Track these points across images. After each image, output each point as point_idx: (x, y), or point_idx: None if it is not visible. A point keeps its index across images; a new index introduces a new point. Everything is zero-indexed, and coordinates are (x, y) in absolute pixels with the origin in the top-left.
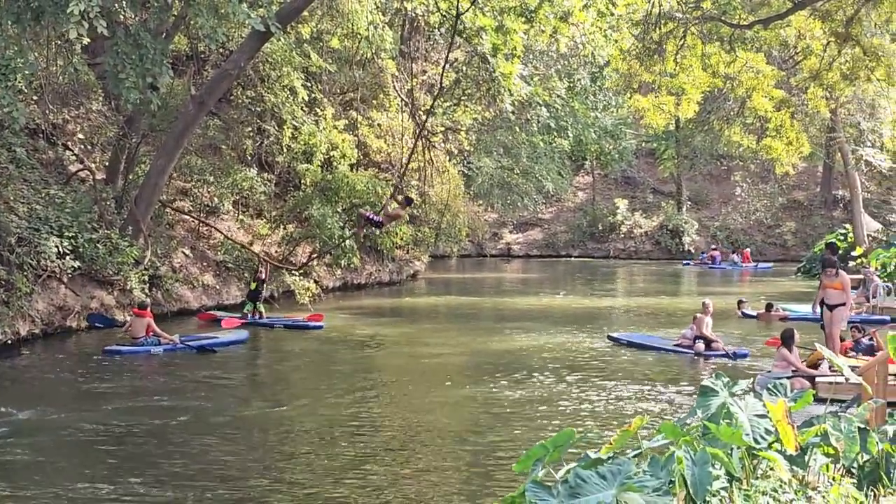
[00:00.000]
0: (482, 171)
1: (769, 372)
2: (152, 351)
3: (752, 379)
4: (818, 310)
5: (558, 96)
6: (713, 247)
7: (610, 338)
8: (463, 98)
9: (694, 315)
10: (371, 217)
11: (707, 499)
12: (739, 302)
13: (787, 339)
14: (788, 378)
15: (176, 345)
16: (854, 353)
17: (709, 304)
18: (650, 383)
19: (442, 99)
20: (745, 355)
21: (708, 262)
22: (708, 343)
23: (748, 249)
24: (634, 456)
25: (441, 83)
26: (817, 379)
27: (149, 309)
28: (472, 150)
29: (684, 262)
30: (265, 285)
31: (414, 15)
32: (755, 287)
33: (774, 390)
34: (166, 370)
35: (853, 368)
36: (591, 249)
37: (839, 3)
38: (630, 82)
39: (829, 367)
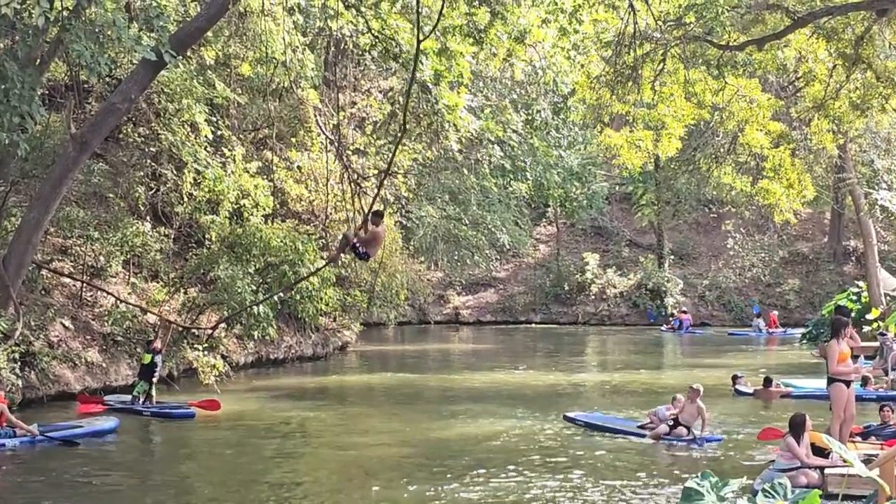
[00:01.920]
0: (424, 221)
1: (773, 463)
2: (6, 444)
3: (743, 478)
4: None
5: (514, 131)
6: (683, 309)
7: (566, 418)
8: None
9: (674, 396)
10: (358, 245)
11: None
12: (734, 377)
13: (796, 427)
14: (795, 470)
15: (34, 436)
16: (871, 439)
17: (699, 389)
18: (614, 476)
19: (375, 136)
20: (717, 440)
21: (672, 327)
22: (674, 426)
23: (775, 312)
24: None
25: (395, 119)
26: (826, 471)
27: (2, 394)
28: (411, 196)
29: (663, 327)
30: (161, 359)
31: (340, 36)
32: (750, 357)
33: (772, 492)
34: (22, 467)
35: (868, 460)
36: (555, 314)
37: (846, 19)
38: (600, 115)
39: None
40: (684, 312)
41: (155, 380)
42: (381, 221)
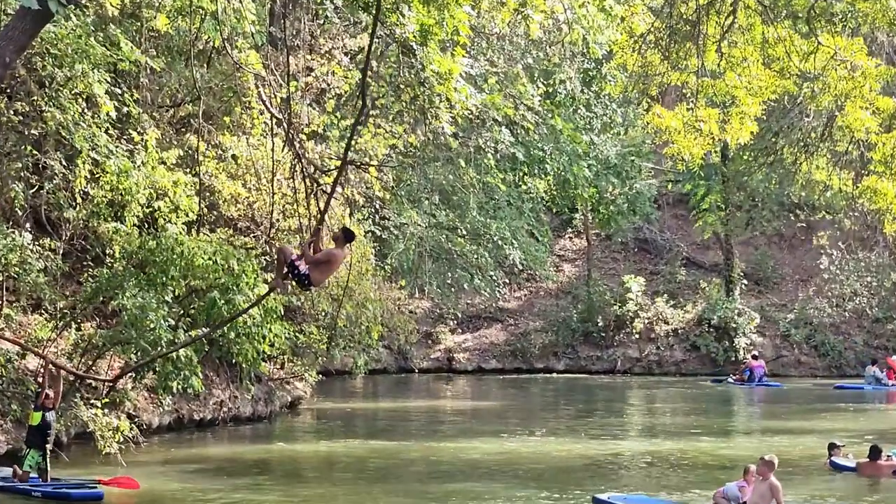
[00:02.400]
0: (405, 231)
1: None
2: None
3: None
4: None
5: (529, 109)
6: (754, 353)
7: (597, 502)
8: (374, 114)
9: (746, 467)
10: (297, 265)
11: None
12: (831, 446)
13: None
14: None
15: None
16: None
17: (772, 462)
18: None
19: (339, 115)
20: None
21: (739, 379)
22: None
23: None
24: None
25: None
26: None
27: None
28: (388, 197)
29: (714, 379)
30: (56, 416)
31: None
32: (855, 419)
33: None
34: None
35: None
36: (585, 360)
37: None
38: (646, 86)
39: None
40: (756, 358)
41: (49, 446)
42: (346, 245)
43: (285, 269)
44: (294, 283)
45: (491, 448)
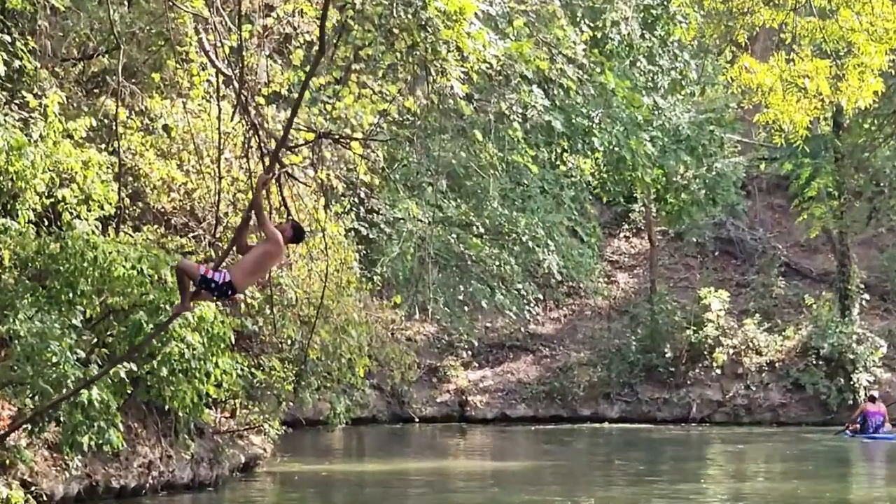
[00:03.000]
0: (400, 229)
1: None
2: None
3: None
4: None
5: (569, 60)
6: (872, 395)
7: None
8: (358, 70)
9: None
10: (210, 277)
11: None
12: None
13: None
14: None
15: None
16: None
17: None
18: None
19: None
20: None
21: (853, 429)
22: None
23: None
24: None
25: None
26: None
27: None
28: (377, 183)
29: (829, 430)
30: None
31: None
32: None
33: None
34: None
35: None
36: (647, 404)
37: None
38: (729, 31)
39: None
40: (873, 400)
41: None
42: (287, 237)
43: (194, 289)
44: (214, 297)
45: None
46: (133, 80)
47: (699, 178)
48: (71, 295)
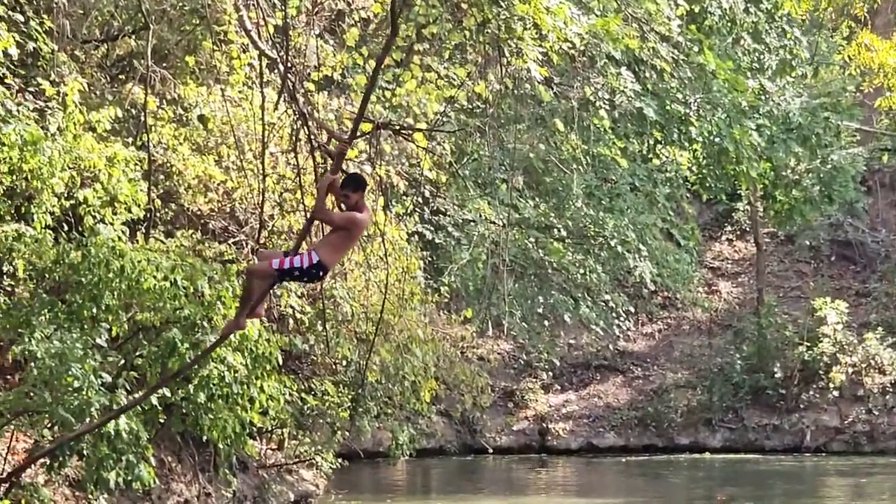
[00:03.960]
0: (471, 233)
1: None
2: None
3: None
4: None
5: (663, 39)
6: None
7: None
8: (422, 51)
9: None
10: (289, 267)
11: None
12: None
13: None
14: None
15: None
16: None
17: None
18: None
19: (367, 48)
20: None
21: None
22: None
23: None
24: None
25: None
26: None
27: None
28: (444, 180)
29: None
30: None
31: None
32: None
33: None
34: None
35: None
36: (755, 431)
37: None
38: (846, 4)
39: None
40: None
41: None
42: (360, 195)
43: (274, 280)
44: (291, 276)
45: None
46: (164, 65)
47: (812, 173)
48: (94, 310)
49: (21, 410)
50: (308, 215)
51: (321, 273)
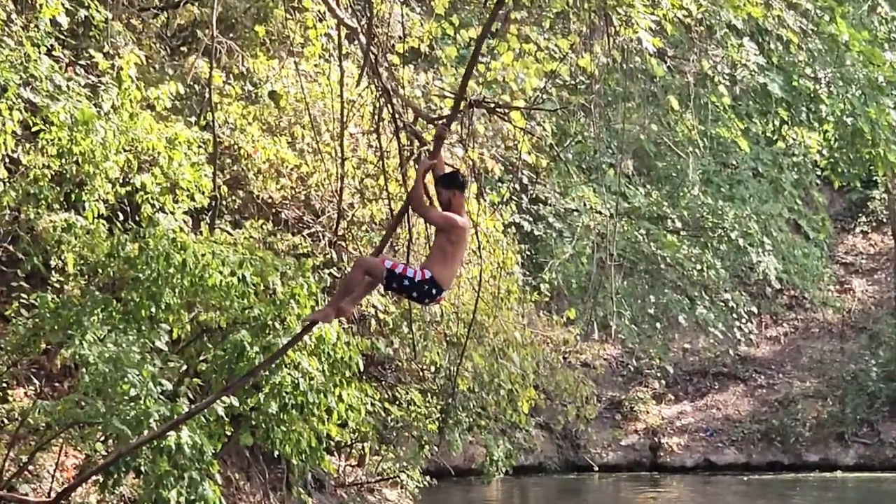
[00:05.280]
0: (574, 224)
1: None
2: None
3: None
4: None
5: (790, 6)
6: None
7: None
8: (519, 20)
9: None
10: (401, 273)
11: None
12: None
13: None
14: None
15: None
16: None
17: None
18: None
19: (457, 19)
20: None
21: None
22: None
23: None
24: None
25: None
26: None
27: None
28: (544, 165)
29: None
30: None
31: None
32: None
33: None
34: None
35: None
36: (891, 448)
37: None
38: None
39: None
40: None
41: None
42: (459, 197)
43: (380, 282)
44: (420, 301)
45: None
46: (231, 35)
47: None
48: (153, 310)
49: (71, 422)
50: (402, 203)
51: (434, 292)
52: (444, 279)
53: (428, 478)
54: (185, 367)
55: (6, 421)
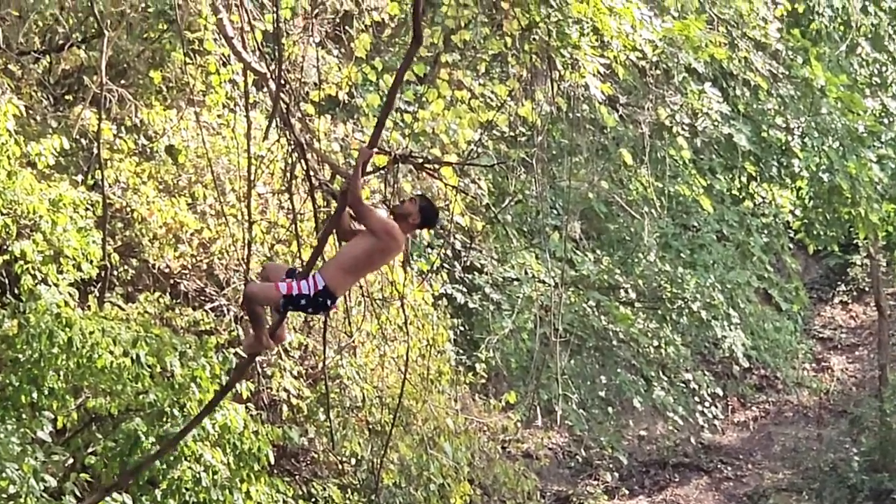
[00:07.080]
0: (514, 294)
1: None
2: None
3: None
4: None
5: (758, 48)
6: None
7: None
8: (451, 63)
9: None
10: (297, 293)
11: None
12: None
13: None
14: None
15: None
16: None
17: None
18: None
19: (380, 62)
20: None
21: None
22: None
23: None
24: None
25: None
26: None
27: None
28: (480, 229)
29: None
30: None
31: None
32: None
33: None
34: None
35: None
36: None
37: None
38: None
39: None
40: None
41: None
42: (411, 224)
43: (283, 305)
44: (309, 312)
45: None
46: (122, 82)
47: None
48: (35, 395)
49: None
50: (339, 204)
51: (329, 303)
52: (339, 287)
53: None
54: (71, 461)
55: None
